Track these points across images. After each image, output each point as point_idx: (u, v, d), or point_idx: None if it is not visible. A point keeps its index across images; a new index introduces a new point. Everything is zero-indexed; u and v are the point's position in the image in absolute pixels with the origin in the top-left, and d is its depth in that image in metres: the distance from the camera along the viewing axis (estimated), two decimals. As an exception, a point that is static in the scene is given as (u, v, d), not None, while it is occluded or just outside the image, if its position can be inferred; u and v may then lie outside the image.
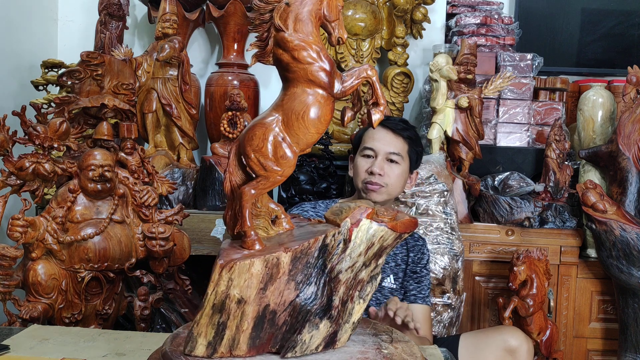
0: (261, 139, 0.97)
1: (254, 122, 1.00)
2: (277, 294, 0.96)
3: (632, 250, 2.15)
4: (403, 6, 2.74)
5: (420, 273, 1.92)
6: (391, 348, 1.05)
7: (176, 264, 1.84)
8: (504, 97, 2.69)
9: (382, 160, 1.84)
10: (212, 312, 0.94)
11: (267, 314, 0.97)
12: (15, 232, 1.56)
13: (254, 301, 0.95)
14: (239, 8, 2.74)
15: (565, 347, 2.38)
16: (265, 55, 0.99)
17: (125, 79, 2.10)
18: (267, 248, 0.97)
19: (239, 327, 0.96)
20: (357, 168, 1.88)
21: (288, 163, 0.98)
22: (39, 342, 1.36)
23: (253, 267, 0.93)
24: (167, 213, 1.80)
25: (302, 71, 0.97)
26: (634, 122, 2.29)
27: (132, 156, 1.83)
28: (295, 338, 0.99)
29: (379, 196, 1.84)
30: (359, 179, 1.86)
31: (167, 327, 2.21)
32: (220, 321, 0.95)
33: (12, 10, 2.70)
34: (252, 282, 0.94)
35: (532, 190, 2.45)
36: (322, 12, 0.98)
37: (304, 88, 0.97)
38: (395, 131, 1.86)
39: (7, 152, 1.67)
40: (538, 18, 3.09)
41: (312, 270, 0.99)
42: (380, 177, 1.82)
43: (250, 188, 0.97)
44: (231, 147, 1.02)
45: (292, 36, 0.96)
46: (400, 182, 1.86)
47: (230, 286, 0.93)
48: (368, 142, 1.87)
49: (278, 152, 0.97)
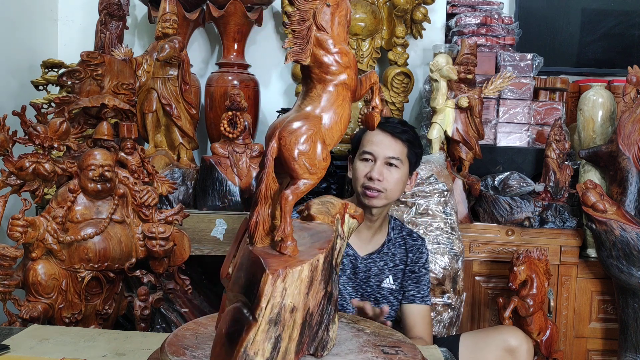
0: (310, 141, 0.93)
1: (296, 121, 0.95)
2: (315, 295, 0.95)
3: (632, 250, 2.15)
4: (403, 6, 2.74)
5: (418, 273, 1.92)
6: (392, 351, 1.06)
7: (176, 264, 1.84)
8: (504, 97, 2.69)
9: (381, 165, 1.81)
10: (268, 327, 0.88)
11: (308, 317, 0.94)
12: (15, 232, 1.56)
13: (302, 307, 0.92)
14: (239, 8, 2.74)
15: (565, 347, 2.38)
16: (304, 54, 0.97)
17: (125, 79, 2.10)
18: (302, 251, 0.95)
19: (290, 337, 0.92)
20: (355, 171, 1.85)
21: (326, 166, 0.96)
22: (39, 342, 1.36)
23: (303, 273, 0.91)
24: (167, 213, 1.80)
25: (341, 74, 0.97)
26: (634, 122, 2.29)
27: (132, 156, 1.83)
28: (326, 336, 1.00)
29: (379, 202, 1.81)
30: (358, 183, 1.84)
31: (167, 327, 2.21)
32: (277, 334, 0.90)
33: (12, 10, 2.70)
34: (302, 287, 0.91)
35: (532, 190, 2.46)
36: (349, 19, 1.00)
37: (339, 91, 0.97)
38: (394, 134, 1.83)
39: (7, 152, 1.67)
40: (538, 18, 3.09)
41: (329, 267, 0.99)
42: (379, 182, 1.79)
43: (291, 192, 0.93)
44: (269, 150, 0.95)
45: (335, 39, 0.97)
46: (399, 186, 1.84)
47: (285, 295, 0.89)
48: (367, 146, 1.84)
49: (322, 154, 0.95)
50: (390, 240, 1.92)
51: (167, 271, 1.83)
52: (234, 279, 0.95)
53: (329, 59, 0.97)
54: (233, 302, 0.93)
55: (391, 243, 1.92)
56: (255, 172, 2.36)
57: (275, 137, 0.94)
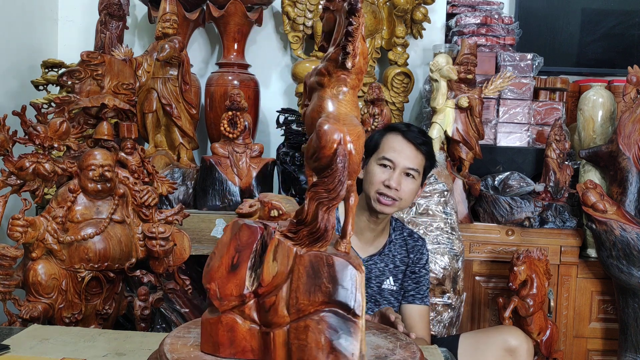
0: (360, 143, 0.93)
1: (355, 122, 0.94)
2: None
3: (632, 250, 2.15)
4: (403, 6, 2.73)
5: (419, 273, 1.92)
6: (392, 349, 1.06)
7: (176, 264, 1.84)
8: (504, 97, 2.69)
9: (400, 175, 1.80)
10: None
11: None
12: (16, 232, 1.56)
13: None
14: (239, 8, 2.74)
15: (566, 347, 2.38)
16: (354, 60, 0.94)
17: (125, 78, 2.10)
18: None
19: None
20: (371, 175, 1.82)
21: None
22: (39, 342, 1.36)
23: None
24: (167, 213, 1.80)
25: (362, 77, 0.96)
26: (634, 122, 2.29)
27: (132, 156, 1.83)
28: None
29: (391, 209, 1.81)
30: (372, 187, 1.81)
31: (167, 327, 2.21)
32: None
33: (12, 10, 2.70)
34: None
35: (532, 190, 2.46)
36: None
37: (354, 92, 0.96)
38: (416, 145, 1.82)
39: (7, 152, 1.67)
40: (538, 18, 3.09)
41: None
42: (396, 192, 1.78)
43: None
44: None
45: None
46: (412, 196, 1.84)
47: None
48: (387, 152, 1.82)
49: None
50: (392, 241, 1.92)
51: (167, 271, 1.83)
52: (309, 289, 0.92)
53: (361, 62, 0.98)
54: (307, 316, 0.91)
55: (392, 244, 1.92)
56: (255, 172, 2.36)
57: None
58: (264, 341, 0.95)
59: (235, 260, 0.98)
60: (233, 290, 0.97)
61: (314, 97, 0.97)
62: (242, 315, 0.97)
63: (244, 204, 1.16)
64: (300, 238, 0.93)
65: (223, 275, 0.98)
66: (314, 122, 0.93)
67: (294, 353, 0.91)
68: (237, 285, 0.97)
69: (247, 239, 0.99)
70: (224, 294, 0.97)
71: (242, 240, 0.99)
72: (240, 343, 0.97)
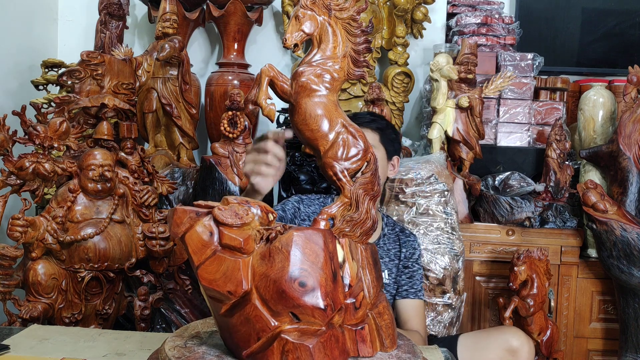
0: None
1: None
2: None
3: (633, 250, 2.15)
4: (403, 6, 2.73)
5: (412, 268, 1.93)
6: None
7: (176, 264, 1.84)
8: (504, 97, 2.69)
9: None
10: None
11: None
12: (15, 232, 1.56)
13: None
14: (239, 8, 2.73)
15: (566, 347, 2.38)
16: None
17: (125, 78, 2.10)
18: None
19: None
20: None
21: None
22: (39, 342, 1.36)
23: None
24: (167, 213, 1.80)
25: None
26: (635, 122, 2.28)
27: (132, 156, 1.83)
28: None
29: None
30: None
31: (167, 327, 2.21)
32: None
33: (12, 10, 2.70)
34: None
35: (533, 190, 2.45)
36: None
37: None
38: (362, 125, 1.83)
39: (7, 152, 1.67)
40: (539, 18, 3.09)
41: None
42: None
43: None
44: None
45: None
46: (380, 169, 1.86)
47: None
48: None
49: None
50: (385, 235, 1.93)
51: (167, 271, 1.83)
52: (375, 277, 1.08)
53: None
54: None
55: (386, 238, 1.93)
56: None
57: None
58: (360, 336, 1.00)
59: (333, 268, 0.97)
60: (341, 297, 0.97)
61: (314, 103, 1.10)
62: (335, 325, 0.97)
63: (232, 214, 1.07)
64: (357, 234, 1.02)
65: (330, 287, 0.95)
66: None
67: (384, 331, 1.04)
68: (342, 291, 0.97)
69: (333, 245, 0.98)
70: (337, 304, 0.96)
71: (330, 248, 0.97)
72: (348, 352, 0.99)
